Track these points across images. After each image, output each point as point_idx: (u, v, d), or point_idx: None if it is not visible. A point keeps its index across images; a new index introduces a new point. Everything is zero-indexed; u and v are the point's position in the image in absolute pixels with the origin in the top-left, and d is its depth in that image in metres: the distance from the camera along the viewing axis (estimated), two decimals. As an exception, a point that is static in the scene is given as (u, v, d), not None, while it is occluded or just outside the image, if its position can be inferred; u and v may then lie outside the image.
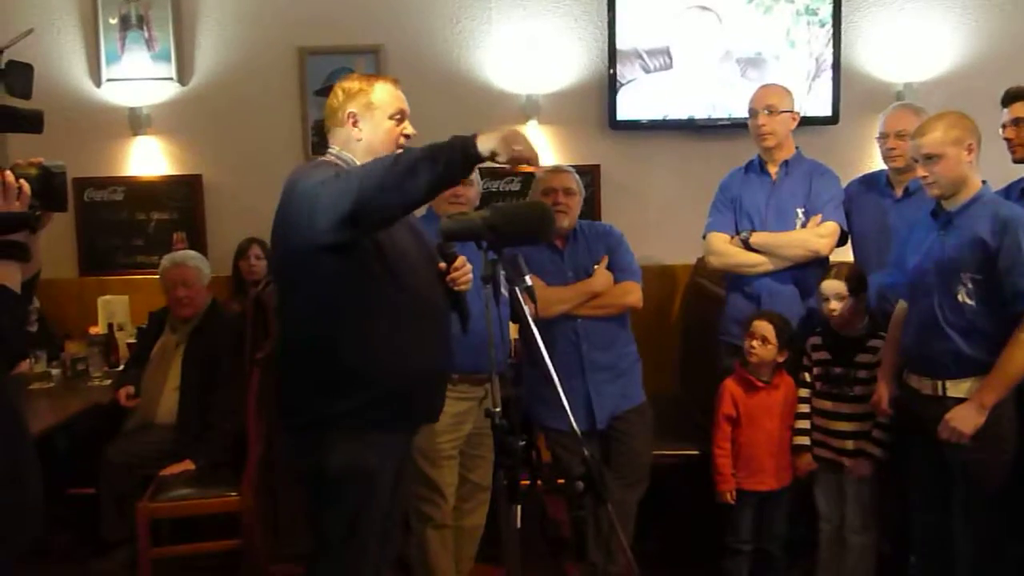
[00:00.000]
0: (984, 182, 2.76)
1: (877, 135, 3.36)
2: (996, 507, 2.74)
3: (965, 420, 2.65)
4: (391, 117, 2.39)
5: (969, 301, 2.67)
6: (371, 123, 2.38)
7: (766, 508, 3.26)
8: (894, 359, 2.97)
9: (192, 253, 3.90)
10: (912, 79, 4.42)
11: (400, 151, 2.22)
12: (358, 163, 2.35)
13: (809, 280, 3.29)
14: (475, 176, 3.16)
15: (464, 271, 2.45)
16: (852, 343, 3.13)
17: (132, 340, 4.22)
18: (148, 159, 4.62)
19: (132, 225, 4.68)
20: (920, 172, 2.76)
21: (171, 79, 4.54)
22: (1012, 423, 2.71)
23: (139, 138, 4.58)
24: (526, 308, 1.97)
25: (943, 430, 2.69)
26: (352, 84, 2.42)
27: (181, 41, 4.54)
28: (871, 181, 3.47)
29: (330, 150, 2.43)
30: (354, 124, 2.39)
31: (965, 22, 4.46)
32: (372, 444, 2.29)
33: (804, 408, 3.21)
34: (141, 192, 4.65)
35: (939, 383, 2.74)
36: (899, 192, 3.32)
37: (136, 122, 4.54)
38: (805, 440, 3.21)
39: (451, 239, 2.03)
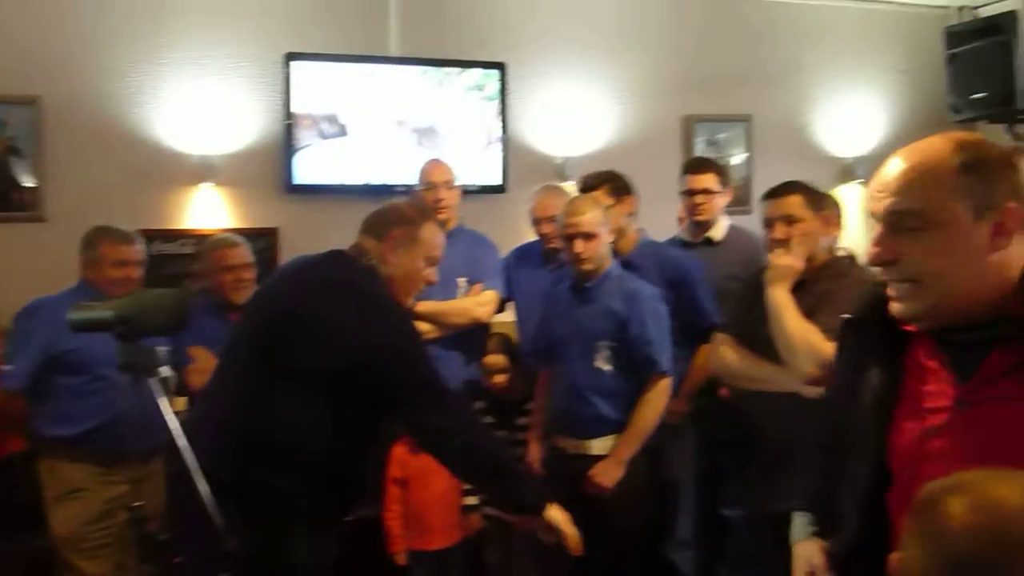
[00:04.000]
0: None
1: (532, 218, 3.60)
2: (637, 551, 3.02)
3: (606, 474, 2.91)
4: (425, 259, 2.37)
5: (606, 367, 2.95)
6: (407, 257, 2.34)
7: (439, 567, 3.36)
8: (542, 421, 3.20)
9: None
10: (571, 153, 4.80)
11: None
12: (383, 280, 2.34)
13: (472, 346, 3.47)
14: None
15: None
16: (512, 407, 3.33)
17: None
18: None
19: None
20: (578, 247, 2.98)
21: None
22: (646, 473, 3.01)
23: None
24: (162, 400, 1.93)
25: (588, 485, 2.93)
26: (409, 211, 2.44)
27: None
28: (527, 252, 3.72)
29: (369, 255, 2.34)
30: (392, 248, 2.33)
31: (616, 104, 4.94)
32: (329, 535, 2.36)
33: (469, 469, 3.37)
34: None
35: (582, 442, 2.99)
36: (554, 263, 3.59)
37: None
38: (473, 500, 3.35)
39: (80, 331, 1.93)
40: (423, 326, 3.40)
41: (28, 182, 4.21)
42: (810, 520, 1.61)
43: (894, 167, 1.34)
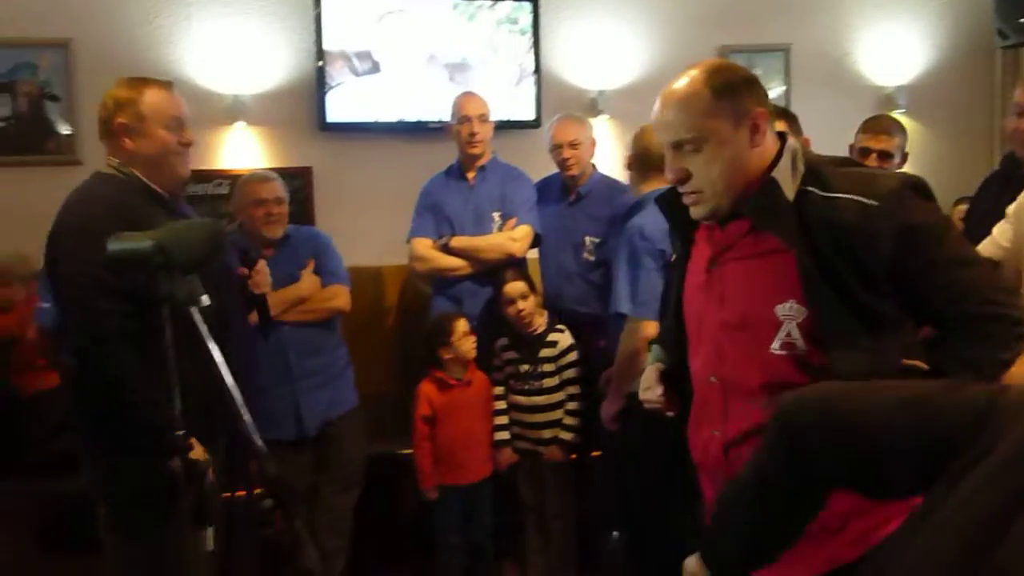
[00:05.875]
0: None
1: (550, 147, 3.56)
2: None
3: (606, 407, 2.92)
4: (165, 127, 2.29)
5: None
6: (145, 138, 2.28)
7: (471, 501, 3.39)
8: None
9: None
10: (605, 87, 4.71)
11: None
12: (142, 178, 2.29)
13: (506, 282, 3.46)
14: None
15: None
16: (535, 340, 3.33)
17: None
18: None
19: None
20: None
21: None
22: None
23: None
24: (202, 328, 1.95)
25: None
26: (120, 92, 2.30)
27: None
28: (545, 186, 3.69)
29: (109, 161, 2.30)
30: (126, 136, 2.27)
31: (651, 36, 4.81)
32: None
33: (501, 405, 3.38)
34: None
35: None
36: (572, 196, 3.55)
37: None
38: (505, 435, 3.39)
39: (117, 263, 1.94)
40: (457, 262, 3.42)
41: (62, 126, 4.24)
42: (659, 354, 1.98)
43: (662, 106, 1.66)
